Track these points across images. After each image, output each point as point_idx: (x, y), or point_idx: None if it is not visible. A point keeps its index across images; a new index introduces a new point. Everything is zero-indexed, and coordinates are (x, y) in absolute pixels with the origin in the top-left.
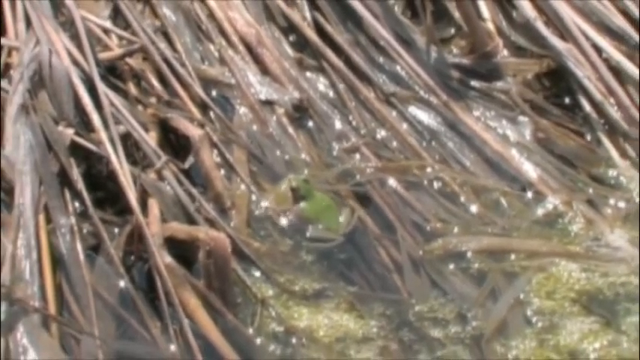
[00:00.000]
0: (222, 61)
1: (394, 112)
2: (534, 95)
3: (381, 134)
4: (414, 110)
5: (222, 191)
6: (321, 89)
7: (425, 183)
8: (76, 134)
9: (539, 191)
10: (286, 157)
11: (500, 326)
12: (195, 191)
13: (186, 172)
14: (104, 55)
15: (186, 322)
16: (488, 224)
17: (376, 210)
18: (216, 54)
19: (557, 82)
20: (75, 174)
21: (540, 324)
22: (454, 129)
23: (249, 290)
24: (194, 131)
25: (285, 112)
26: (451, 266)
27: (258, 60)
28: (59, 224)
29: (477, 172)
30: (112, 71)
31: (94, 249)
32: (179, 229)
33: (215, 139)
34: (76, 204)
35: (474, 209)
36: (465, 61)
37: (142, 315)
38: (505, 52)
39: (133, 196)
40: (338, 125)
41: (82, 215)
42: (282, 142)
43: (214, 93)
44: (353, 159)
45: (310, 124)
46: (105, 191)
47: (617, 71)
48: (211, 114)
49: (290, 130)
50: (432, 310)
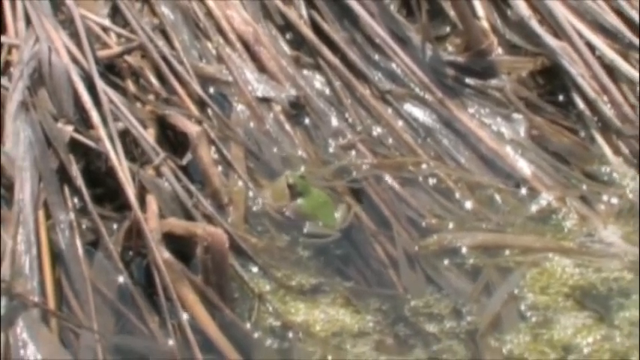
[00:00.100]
0: (220, 59)
1: (390, 110)
2: (529, 93)
3: (377, 131)
4: (409, 107)
5: (220, 187)
6: (318, 87)
7: (420, 179)
8: (76, 131)
9: (533, 188)
10: (283, 154)
11: (495, 321)
12: (193, 187)
13: (184, 169)
14: (103, 53)
15: (185, 317)
16: (482, 220)
17: (372, 206)
18: (214, 52)
19: (551, 79)
20: (74, 170)
21: (534, 319)
22: (449, 126)
23: (246, 285)
24: (192, 128)
25: (282, 109)
26: (446, 262)
27: (255, 58)
28: (58, 220)
29: (472, 169)
30: (111, 69)
31: (93, 244)
32: (177, 224)
33: (213, 135)
34: (75, 200)
35: (468, 205)
36: (460, 59)
37: (140, 310)
38: (500, 50)
39: (131, 192)
40: (334, 122)
41: (81, 211)
42: (279, 139)
43: (212, 90)
44: (349, 156)
45: (307, 121)
46: (104, 187)
47: (610, 69)
48: (209, 111)
49: (287, 127)
50: (427, 305)
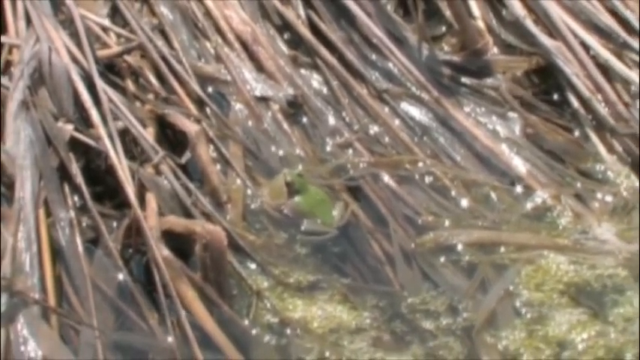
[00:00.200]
0: (219, 59)
1: (386, 108)
2: (524, 92)
3: (374, 130)
4: (405, 106)
5: (219, 186)
6: (315, 86)
7: (417, 177)
8: (76, 130)
9: (528, 185)
10: (281, 153)
11: (491, 317)
12: (192, 186)
13: (183, 167)
14: (103, 53)
15: (183, 314)
16: (478, 218)
17: (369, 204)
18: (213, 51)
19: (546, 79)
20: (74, 169)
21: (529, 315)
22: (445, 125)
23: (244, 282)
24: (191, 127)
25: (280, 108)
26: (442, 259)
27: (253, 57)
28: (59, 218)
29: (468, 167)
30: (111, 68)
31: (92, 242)
32: (176, 222)
33: (211, 134)
34: (76, 198)
35: (464, 203)
36: (456, 59)
37: (139, 307)
38: (495, 50)
39: (131, 191)
40: (332, 121)
41: (81, 209)
42: (277, 138)
43: (210, 90)
44: (346, 154)
45: (304, 120)
46: (103, 185)
47: (604, 68)
48: (208, 110)
49: (285, 126)
50: (423, 302)
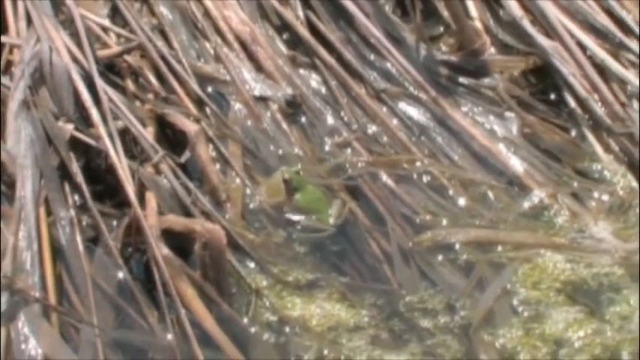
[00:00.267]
0: (218, 59)
1: (384, 108)
2: (521, 91)
3: (372, 129)
4: (403, 106)
5: (218, 185)
6: (314, 86)
7: (414, 177)
8: (76, 129)
9: (525, 185)
10: (280, 152)
11: (488, 316)
12: (192, 185)
13: (183, 166)
14: (103, 53)
15: (183, 312)
16: (475, 217)
17: (367, 203)
18: (212, 51)
19: (543, 78)
20: (74, 168)
21: (526, 313)
22: (443, 124)
23: (243, 281)
24: (190, 126)
25: (279, 107)
26: (440, 257)
27: (252, 57)
28: (59, 216)
29: (465, 166)
30: (111, 68)
31: (93, 241)
32: (176, 221)
33: (211, 134)
34: (76, 197)
35: (462, 202)
36: (454, 59)
37: (139, 305)
38: (492, 50)
39: (131, 190)
40: (330, 121)
41: (82, 208)
42: (276, 137)
43: (210, 89)
44: (345, 153)
45: (303, 119)
46: (104, 184)
47: (601, 69)
48: (207, 110)
49: (283, 126)
50: (421, 301)
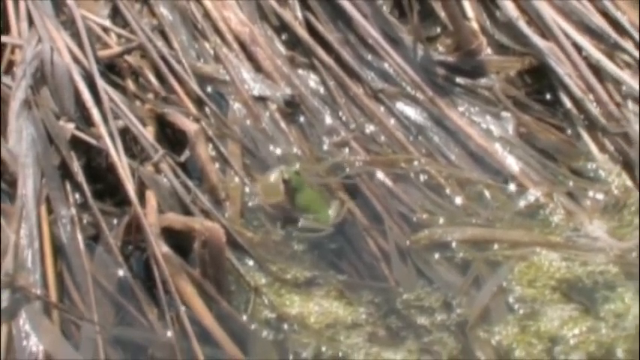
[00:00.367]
0: (217, 59)
1: (382, 108)
2: (517, 92)
3: (370, 129)
4: (401, 106)
5: (217, 183)
6: (312, 86)
7: (412, 176)
8: (77, 129)
9: (521, 184)
10: (278, 151)
11: (484, 313)
12: (191, 183)
13: (183, 165)
14: (104, 53)
15: (183, 309)
16: (472, 215)
17: (365, 201)
18: (212, 52)
19: (538, 79)
20: (75, 167)
21: (522, 311)
22: (440, 124)
23: (242, 278)
24: (190, 126)
25: (278, 107)
26: (437, 256)
27: (251, 58)
28: (60, 215)
29: (462, 166)
30: (112, 68)
31: (93, 239)
32: (175, 219)
33: (210, 133)
34: (77, 195)
35: (458, 201)
36: (450, 59)
37: (139, 302)
38: (489, 50)
39: (131, 188)
40: (328, 120)
41: (82, 206)
42: (275, 137)
43: (209, 89)
44: (343, 153)
45: (302, 119)
46: (104, 183)
47: (596, 69)
48: (206, 109)
49: (282, 125)
50: (418, 298)
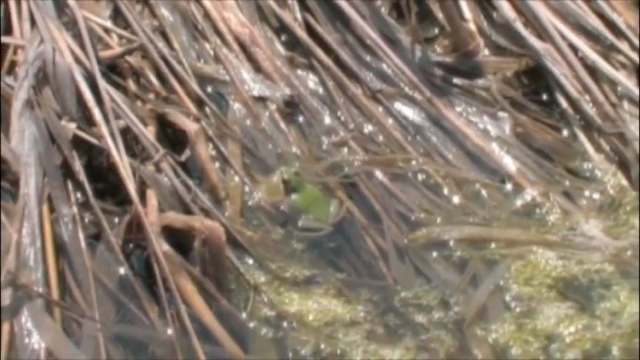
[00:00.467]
0: (217, 59)
1: (380, 108)
2: (514, 92)
3: (368, 129)
4: (399, 106)
5: (217, 183)
6: (311, 86)
7: (409, 175)
8: (78, 128)
9: (517, 183)
10: (278, 151)
11: (481, 311)
12: (192, 183)
13: (183, 165)
14: (105, 54)
15: (183, 307)
16: (469, 214)
17: (363, 201)
18: (212, 52)
19: (535, 79)
20: (77, 166)
21: (519, 309)
22: (437, 124)
23: (242, 277)
24: (190, 126)
25: (277, 107)
26: (434, 254)
27: (251, 58)
28: (62, 214)
29: (459, 165)
30: (113, 69)
31: (95, 237)
32: (176, 218)
33: (210, 133)
34: (78, 194)
35: (456, 200)
36: (448, 60)
37: (140, 300)
38: (486, 51)
39: (132, 187)
40: (327, 120)
41: (84, 205)
42: (274, 137)
43: (210, 89)
44: (341, 152)
45: (301, 119)
46: (105, 182)
47: (592, 70)
48: (207, 109)
49: (282, 125)
50: (416, 296)
